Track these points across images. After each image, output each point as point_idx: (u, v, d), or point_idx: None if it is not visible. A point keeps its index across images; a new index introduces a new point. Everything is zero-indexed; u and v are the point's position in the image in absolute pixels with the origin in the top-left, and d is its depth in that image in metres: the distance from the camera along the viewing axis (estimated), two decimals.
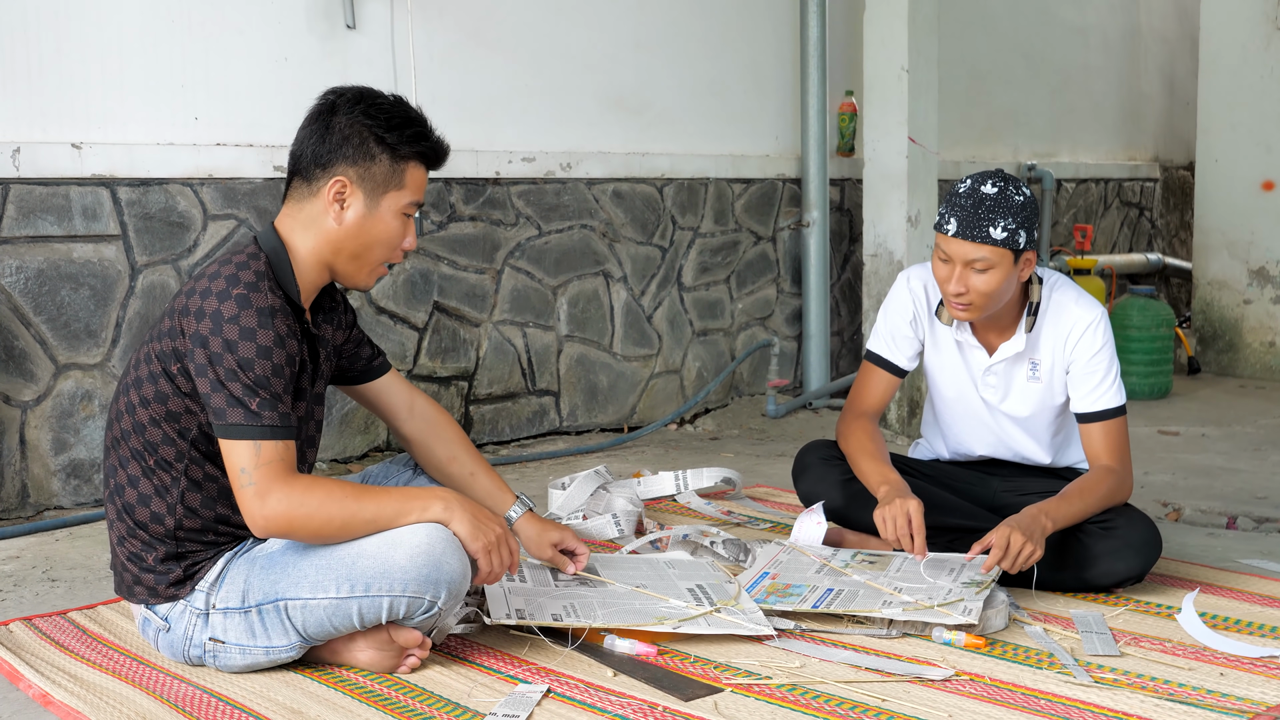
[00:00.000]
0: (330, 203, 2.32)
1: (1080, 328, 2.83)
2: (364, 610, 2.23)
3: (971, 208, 2.69)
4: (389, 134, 2.33)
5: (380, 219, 2.35)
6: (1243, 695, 2.20)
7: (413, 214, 2.40)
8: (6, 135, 3.58)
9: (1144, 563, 2.76)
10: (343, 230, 2.34)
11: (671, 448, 4.73)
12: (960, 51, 6.23)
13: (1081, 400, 2.84)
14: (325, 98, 2.38)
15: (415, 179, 2.38)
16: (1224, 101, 6.66)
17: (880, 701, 2.18)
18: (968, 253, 2.69)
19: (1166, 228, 7.99)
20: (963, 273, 2.72)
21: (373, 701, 2.20)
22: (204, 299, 2.22)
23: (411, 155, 2.36)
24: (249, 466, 2.17)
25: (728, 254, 5.38)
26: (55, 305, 3.67)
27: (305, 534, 2.22)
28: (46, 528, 3.50)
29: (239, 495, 2.19)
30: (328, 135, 2.32)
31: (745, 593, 2.64)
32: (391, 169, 2.34)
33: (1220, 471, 4.32)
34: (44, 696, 2.26)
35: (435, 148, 2.41)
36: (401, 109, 2.38)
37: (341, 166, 2.32)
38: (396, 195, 2.35)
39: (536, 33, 4.72)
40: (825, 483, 3.01)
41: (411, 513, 2.24)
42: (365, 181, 2.33)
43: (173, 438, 2.29)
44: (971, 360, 2.95)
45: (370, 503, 2.23)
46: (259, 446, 2.17)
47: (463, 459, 2.70)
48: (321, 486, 2.22)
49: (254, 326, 2.19)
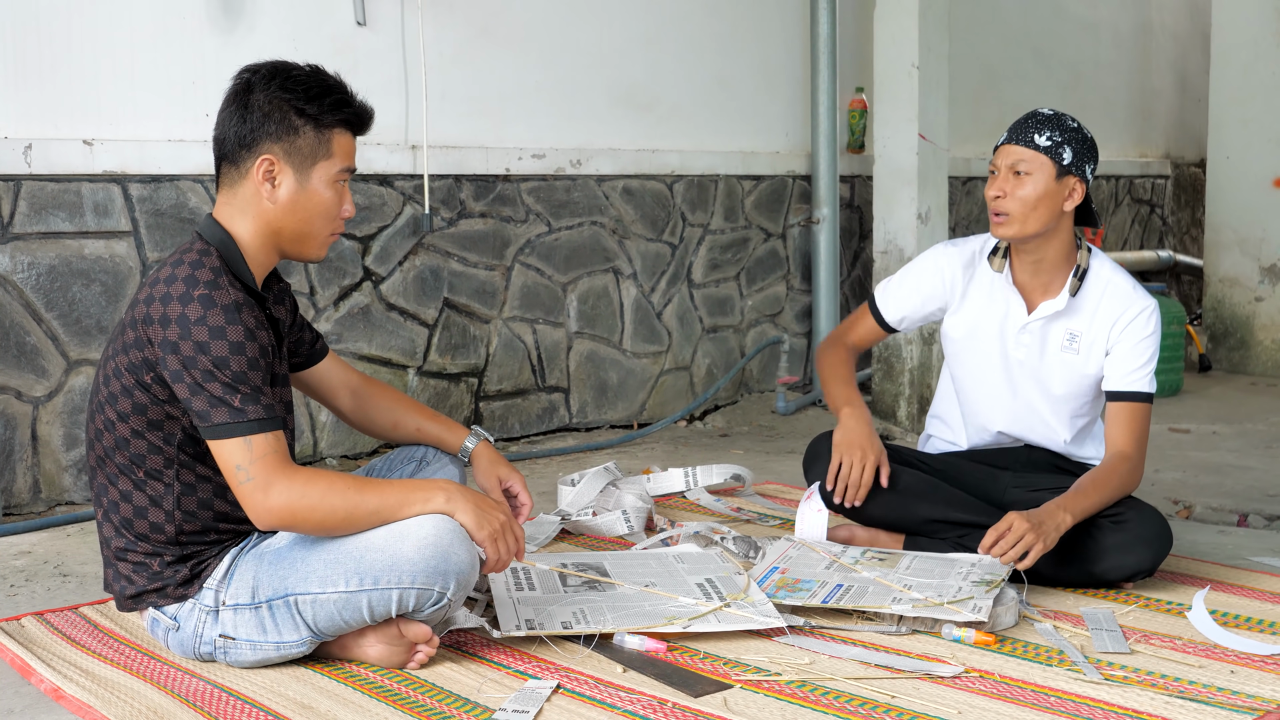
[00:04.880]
0: (260, 183, 2.29)
1: (1134, 312, 2.87)
2: (374, 603, 2.23)
3: (1024, 119, 2.84)
4: (309, 105, 2.29)
5: (314, 192, 2.32)
6: (1253, 693, 2.19)
7: (345, 180, 2.37)
8: (19, 131, 3.59)
9: (1154, 556, 2.75)
10: (278, 209, 2.31)
11: (681, 444, 4.73)
12: (971, 48, 6.21)
13: (1118, 378, 2.86)
14: (240, 76, 2.33)
15: (343, 146, 2.34)
16: (1235, 97, 6.64)
17: (890, 698, 2.18)
18: (1010, 155, 2.81)
19: (1178, 224, 7.97)
20: (1005, 177, 2.81)
21: (383, 697, 2.21)
22: (165, 304, 2.19)
23: (335, 123, 2.32)
24: (244, 463, 2.16)
25: (738, 251, 5.38)
26: (67, 301, 3.68)
27: (309, 525, 2.22)
28: (58, 523, 3.51)
29: (239, 492, 2.19)
30: (248, 115, 2.29)
31: (756, 585, 2.64)
32: (317, 140, 2.31)
33: (1231, 469, 4.31)
34: (56, 691, 2.27)
35: (359, 113, 2.36)
36: (319, 78, 2.33)
37: (266, 144, 2.28)
38: (326, 165, 2.32)
39: (546, 29, 4.73)
40: None
41: (414, 503, 2.24)
42: (292, 156, 2.29)
43: (159, 446, 2.28)
44: (1010, 314, 2.94)
45: (373, 494, 2.23)
46: (250, 442, 2.16)
47: (405, 418, 2.72)
48: (323, 478, 2.21)
49: (222, 324, 2.17)
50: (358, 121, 2.37)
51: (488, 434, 2.74)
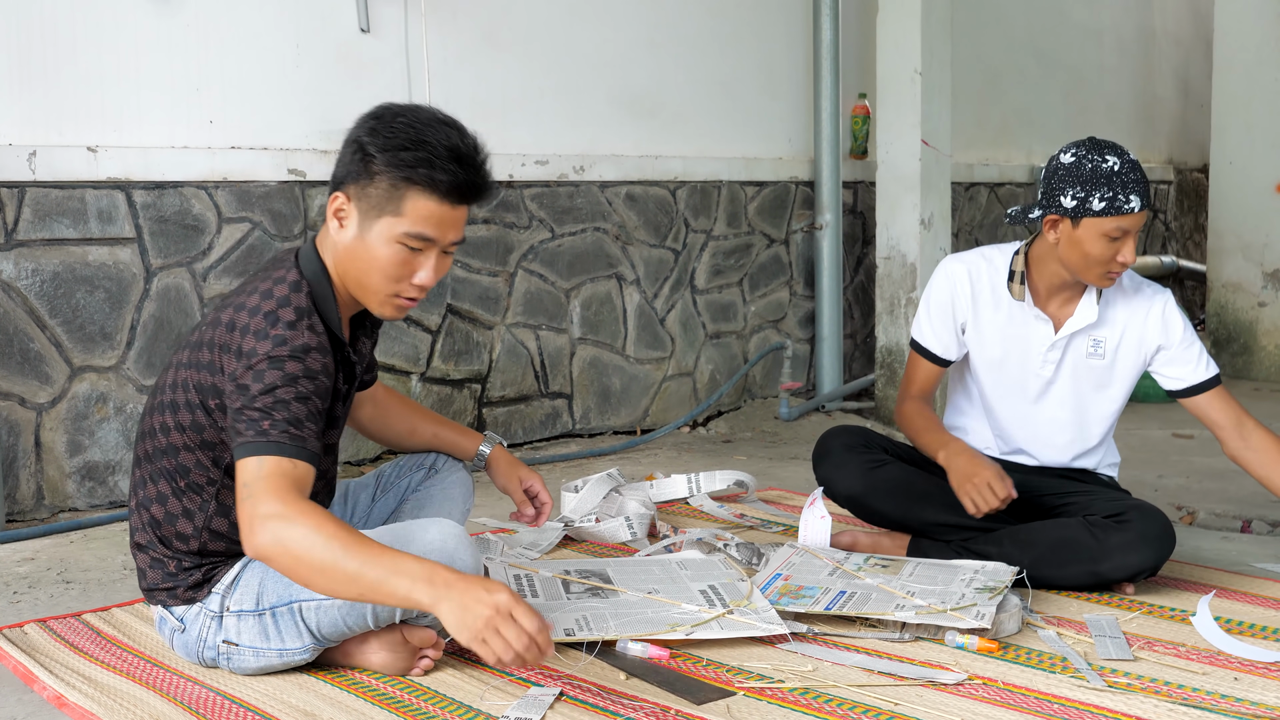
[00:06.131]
0: (330, 218, 2.22)
1: (1161, 305, 2.92)
2: (378, 609, 2.23)
3: (1141, 176, 2.75)
4: (384, 154, 2.14)
5: (370, 244, 2.18)
6: (1257, 700, 2.19)
7: (416, 246, 2.18)
8: (23, 138, 3.60)
9: (1158, 555, 2.74)
10: (342, 251, 2.22)
11: (684, 450, 4.73)
12: (974, 53, 6.22)
13: (1191, 373, 2.90)
14: (365, 113, 2.24)
15: (418, 209, 2.15)
16: (1239, 103, 6.64)
17: (893, 705, 2.17)
18: (1143, 220, 2.77)
19: (1180, 230, 7.96)
20: (1133, 241, 2.77)
21: (385, 704, 2.21)
22: (243, 336, 2.14)
23: (412, 180, 2.14)
24: (250, 479, 2.06)
25: (740, 257, 5.38)
26: (70, 308, 3.69)
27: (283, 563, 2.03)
28: (61, 530, 3.51)
29: (238, 510, 2.07)
30: (344, 150, 2.22)
31: (759, 592, 2.64)
32: (390, 192, 2.15)
33: (1235, 475, 4.29)
34: (58, 698, 2.27)
35: (451, 179, 2.15)
36: (415, 131, 2.15)
37: (345, 185, 2.20)
38: (391, 222, 2.16)
39: (549, 35, 4.73)
40: (845, 469, 3.00)
41: (397, 586, 1.98)
42: (361, 201, 2.18)
43: (206, 465, 2.27)
44: (1033, 336, 2.94)
45: (359, 557, 1.99)
46: (263, 461, 2.06)
47: (421, 425, 2.72)
48: (322, 518, 2.02)
49: (284, 356, 2.12)
50: (445, 188, 2.15)
51: (500, 438, 2.73)
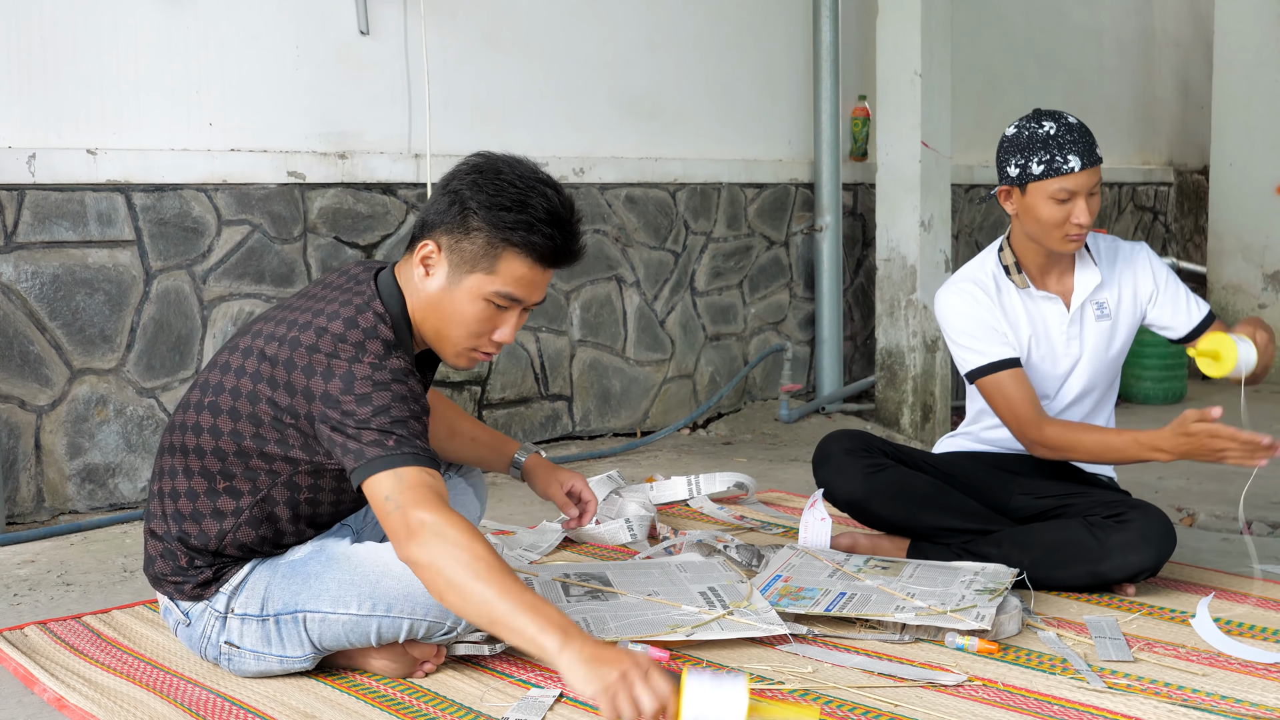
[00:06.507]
0: (417, 265, 2.21)
1: (1145, 254, 2.97)
2: (383, 629, 2.24)
3: (1080, 136, 2.76)
4: (488, 212, 2.14)
5: (457, 298, 2.19)
6: (1257, 701, 2.19)
7: (502, 305, 2.19)
8: (23, 141, 3.60)
9: (1159, 554, 2.74)
10: (424, 298, 2.21)
11: (684, 452, 4.73)
12: (973, 55, 6.22)
13: (1188, 315, 2.98)
14: (464, 161, 2.23)
15: (512, 270, 2.16)
16: (1239, 105, 6.64)
17: (893, 707, 2.17)
18: (1093, 178, 2.77)
19: (1181, 232, 7.96)
20: (1086, 202, 2.77)
21: (386, 706, 2.21)
22: (331, 360, 2.11)
23: (512, 243, 2.15)
24: (393, 492, 2.02)
25: (740, 259, 5.38)
26: (70, 310, 3.69)
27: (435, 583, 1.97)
28: (61, 532, 3.51)
29: (386, 524, 2.02)
30: (439, 198, 2.20)
31: (759, 593, 2.64)
32: (486, 250, 2.16)
33: (1234, 476, 4.28)
34: (58, 700, 2.27)
35: (548, 244, 2.17)
36: (519, 191, 2.16)
37: (438, 233, 2.19)
38: (483, 280, 2.17)
39: (549, 37, 4.73)
40: (846, 473, 2.98)
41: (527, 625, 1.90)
42: (453, 254, 2.18)
43: (256, 472, 2.23)
44: (1051, 317, 2.93)
45: (500, 601, 1.92)
46: (400, 474, 2.03)
47: (461, 428, 2.73)
48: (472, 536, 1.97)
49: (388, 380, 2.11)
50: (544, 253, 2.18)
51: (537, 447, 2.71)
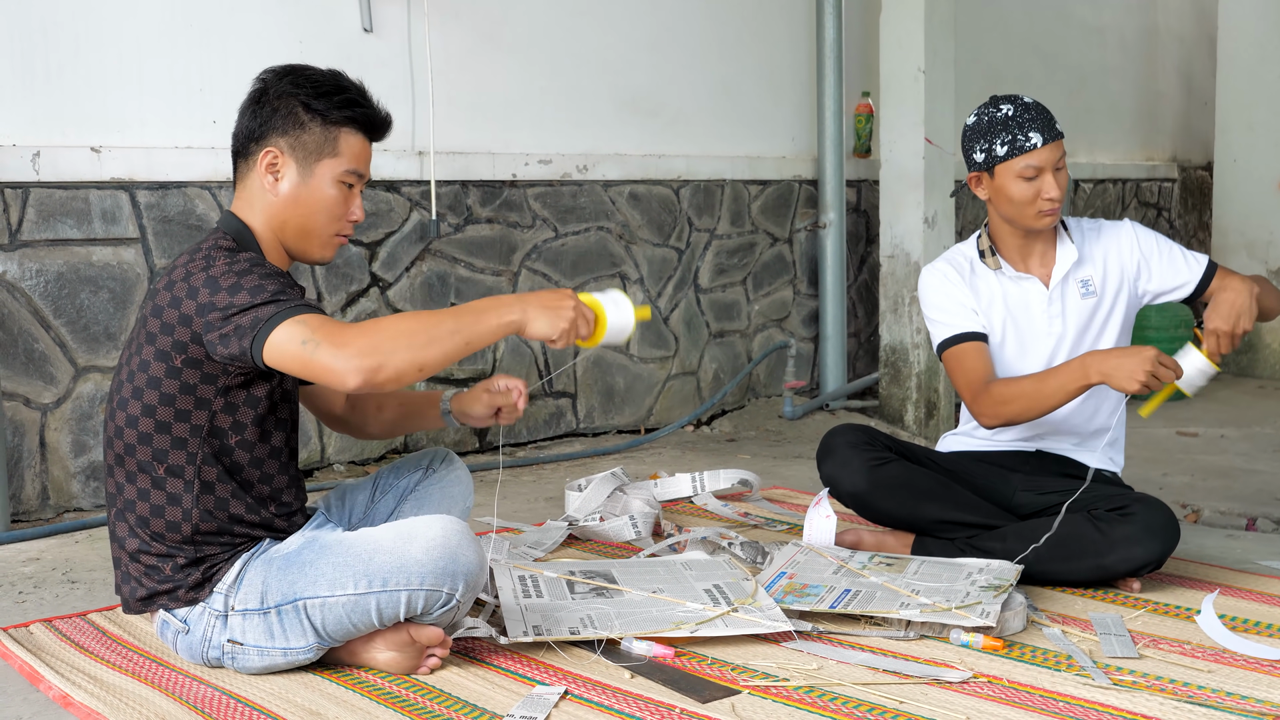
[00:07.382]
0: (264, 174, 2.34)
1: (1129, 227, 3.00)
2: (382, 606, 2.23)
3: (1038, 114, 2.83)
4: (317, 100, 2.33)
5: (316, 187, 2.35)
6: (1263, 698, 2.19)
7: (353, 183, 2.38)
8: (27, 139, 3.60)
9: (1163, 548, 2.74)
10: (280, 201, 2.34)
11: (688, 449, 4.73)
12: (977, 52, 6.21)
13: (1188, 270, 3.00)
14: (258, 78, 2.38)
15: (351, 147, 2.37)
16: (1242, 101, 6.64)
17: (898, 704, 2.17)
18: (1055, 152, 2.82)
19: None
20: (1054, 177, 2.82)
21: (390, 703, 2.21)
22: (189, 279, 2.22)
23: (343, 121, 2.35)
24: (306, 335, 2.11)
25: (744, 255, 5.38)
26: (75, 308, 3.69)
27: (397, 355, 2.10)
28: (66, 530, 3.51)
29: (313, 363, 2.11)
30: (259, 110, 2.34)
31: (763, 590, 2.64)
32: (324, 136, 2.34)
33: (1239, 473, 4.30)
34: (64, 698, 2.27)
35: (370, 115, 2.38)
36: (333, 78, 2.37)
37: (273, 137, 2.33)
38: (332, 163, 2.35)
39: (552, 35, 4.73)
40: (849, 467, 2.97)
41: (490, 315, 2.19)
42: (297, 150, 2.33)
43: (183, 438, 2.28)
44: (1031, 297, 2.96)
45: (445, 317, 2.18)
46: (304, 319, 2.13)
47: (387, 400, 2.75)
48: (387, 318, 2.18)
49: (248, 268, 2.21)
50: (369, 124, 2.39)
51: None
